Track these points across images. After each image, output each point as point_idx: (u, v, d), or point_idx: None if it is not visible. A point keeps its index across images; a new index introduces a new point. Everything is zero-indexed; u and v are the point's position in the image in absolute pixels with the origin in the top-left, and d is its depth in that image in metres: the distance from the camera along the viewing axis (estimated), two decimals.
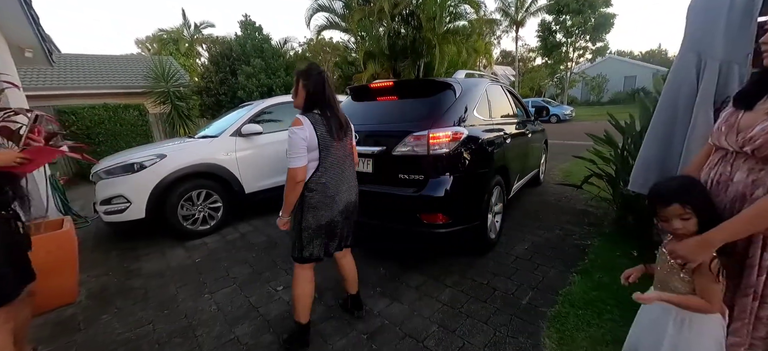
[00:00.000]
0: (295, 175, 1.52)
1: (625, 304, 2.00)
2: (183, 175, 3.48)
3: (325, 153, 1.59)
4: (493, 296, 2.22)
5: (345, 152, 1.71)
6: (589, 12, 19.12)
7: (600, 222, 3.39)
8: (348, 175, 1.74)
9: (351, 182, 1.77)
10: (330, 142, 1.59)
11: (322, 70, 1.63)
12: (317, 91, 1.58)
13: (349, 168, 1.76)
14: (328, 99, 1.61)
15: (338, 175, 1.66)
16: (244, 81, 9.01)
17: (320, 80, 1.59)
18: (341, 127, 1.65)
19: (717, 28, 1.42)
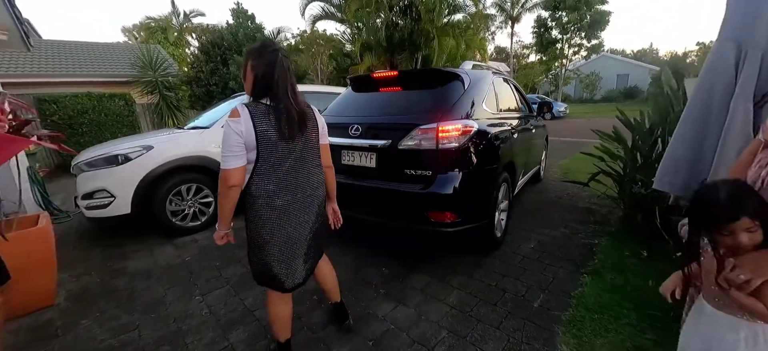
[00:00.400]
0: (226, 177, 1.25)
1: (641, 308, 1.92)
2: (172, 169, 3.28)
3: (267, 153, 1.28)
4: (504, 299, 2.11)
5: (300, 154, 1.37)
6: (585, 9, 19.14)
7: (606, 220, 3.32)
8: (304, 182, 1.40)
9: (311, 191, 1.44)
10: (275, 140, 1.28)
11: (277, 48, 1.30)
12: (267, 74, 1.25)
13: (307, 173, 1.42)
14: (278, 85, 1.26)
15: (288, 181, 1.35)
16: (236, 71, 8.72)
17: (271, 61, 1.25)
18: (293, 123, 1.29)
19: (761, 13, 1.30)
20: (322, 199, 1.53)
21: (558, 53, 21.97)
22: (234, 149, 1.24)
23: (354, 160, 2.52)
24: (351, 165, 2.54)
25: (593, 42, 21.25)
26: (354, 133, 2.45)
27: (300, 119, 1.33)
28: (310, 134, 1.41)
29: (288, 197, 1.36)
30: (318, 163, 1.50)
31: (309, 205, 1.44)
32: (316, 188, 1.47)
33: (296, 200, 1.39)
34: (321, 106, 4.62)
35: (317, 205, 1.49)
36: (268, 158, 1.29)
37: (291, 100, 1.30)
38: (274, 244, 1.39)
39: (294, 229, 1.40)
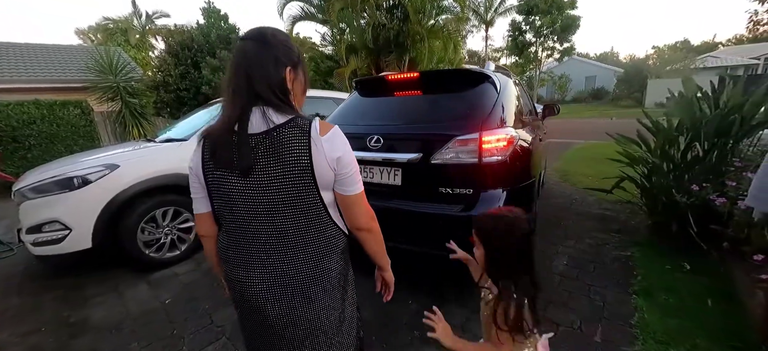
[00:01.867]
0: (195, 225, 0.93)
1: (718, 338, 1.70)
2: (143, 190, 2.75)
3: (216, 194, 0.85)
4: (558, 334, 1.82)
5: (260, 200, 0.80)
6: (557, 13, 19.85)
7: (629, 229, 3.15)
8: (270, 252, 0.85)
9: (292, 273, 0.86)
10: (218, 175, 0.81)
11: (245, 38, 0.83)
12: (226, 78, 0.82)
13: (280, 239, 0.84)
14: (227, 83, 0.81)
15: (239, 238, 0.86)
16: (210, 75, 8.03)
17: (232, 58, 0.82)
18: (225, 143, 0.79)
19: None
20: (327, 289, 0.90)
21: (532, 56, 22.66)
22: (192, 190, 0.91)
23: (373, 176, 2.15)
24: (369, 182, 2.17)
25: (565, 45, 22.13)
26: (373, 146, 2.08)
27: (241, 141, 0.77)
28: (286, 170, 0.78)
29: (241, 272, 0.87)
30: (316, 221, 0.85)
31: (286, 295, 0.86)
32: (303, 269, 0.86)
33: (250, 273, 0.86)
34: (320, 112, 4.25)
35: (311, 299, 0.88)
36: (216, 202, 0.87)
37: (232, 108, 0.78)
38: (244, 327, 0.99)
39: (265, 324, 0.90)
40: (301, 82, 0.87)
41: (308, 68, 6.95)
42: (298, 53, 0.86)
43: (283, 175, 0.78)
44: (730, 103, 2.39)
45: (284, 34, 0.85)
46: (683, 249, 2.54)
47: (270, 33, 0.82)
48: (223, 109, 0.81)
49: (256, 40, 0.80)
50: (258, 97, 0.78)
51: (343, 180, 0.84)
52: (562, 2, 20.80)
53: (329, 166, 0.80)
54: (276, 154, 0.77)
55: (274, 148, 0.77)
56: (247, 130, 0.77)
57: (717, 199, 2.21)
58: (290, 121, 0.78)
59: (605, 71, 28.67)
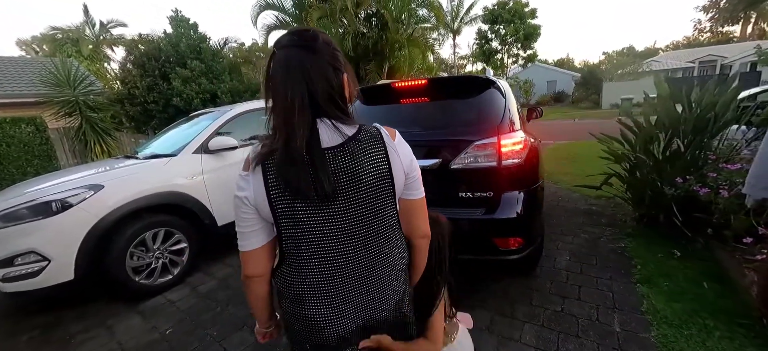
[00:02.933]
0: (242, 264, 0.80)
1: (722, 316, 1.84)
2: (131, 212, 2.53)
3: (289, 226, 0.73)
4: (581, 326, 1.89)
5: (344, 223, 0.73)
6: (519, 22, 21.05)
7: (616, 222, 3.36)
8: (358, 277, 0.77)
9: (376, 294, 0.79)
10: (297, 206, 0.70)
11: (284, 40, 0.73)
12: (275, 92, 0.71)
13: (366, 259, 0.77)
14: (277, 101, 0.70)
15: (320, 271, 0.75)
16: (181, 86, 7.61)
17: (277, 69, 0.71)
18: (322, 172, 0.68)
19: None
20: (399, 301, 0.84)
21: (499, 63, 23.77)
22: (241, 223, 0.76)
23: None
24: None
25: (529, 52, 23.47)
26: None
27: (318, 160, 0.68)
28: (367, 184, 0.72)
29: (322, 310, 0.76)
30: (392, 237, 0.80)
31: (370, 324, 0.80)
32: (386, 286, 0.80)
33: (334, 311, 0.77)
34: None
35: (391, 319, 0.83)
36: (291, 236, 0.74)
37: (298, 125, 0.67)
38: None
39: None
40: (353, 88, 0.80)
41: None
42: (343, 54, 0.80)
43: (367, 189, 0.72)
44: (703, 102, 2.64)
45: (328, 36, 0.78)
46: (670, 237, 2.75)
47: (320, 38, 0.72)
48: (281, 127, 0.68)
49: (306, 47, 0.70)
50: (321, 110, 0.71)
51: (412, 183, 0.81)
52: (523, 12, 22.10)
53: (403, 171, 0.78)
54: (357, 167, 0.71)
55: (354, 161, 0.70)
56: (321, 146, 0.69)
57: (701, 190, 2.42)
58: (360, 129, 0.74)
59: (564, 76, 30.66)
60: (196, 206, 2.91)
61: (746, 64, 20.54)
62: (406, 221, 0.84)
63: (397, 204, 0.80)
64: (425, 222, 0.87)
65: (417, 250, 0.89)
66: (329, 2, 8.05)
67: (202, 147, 3.06)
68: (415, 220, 0.85)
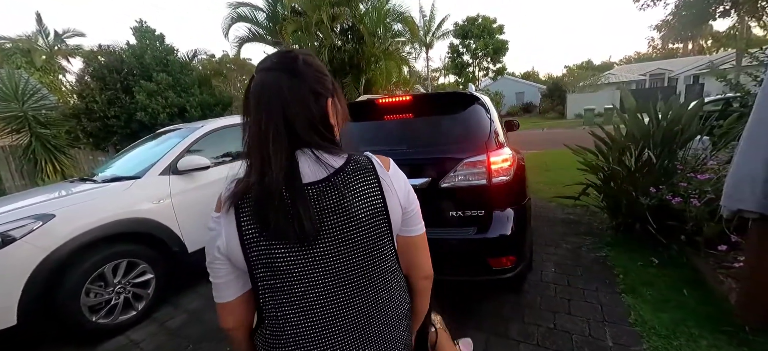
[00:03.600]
0: (218, 316, 0.71)
1: (707, 325, 1.89)
2: (88, 243, 2.26)
3: (266, 275, 0.63)
4: (575, 343, 1.88)
5: (334, 266, 0.63)
6: (489, 37, 22.00)
7: (595, 232, 3.45)
8: (346, 330, 0.65)
9: (364, 347, 0.67)
10: (275, 250, 0.61)
11: (269, 68, 0.65)
12: (250, 120, 0.64)
13: (362, 305, 0.66)
14: (251, 130, 0.63)
15: (310, 332, 0.64)
16: (145, 100, 7.15)
17: (252, 94, 0.64)
18: (303, 210, 0.59)
19: None
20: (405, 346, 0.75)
21: (471, 76, 24.63)
22: (214, 272, 0.67)
23: None
24: None
25: (498, 65, 24.52)
26: None
27: (297, 197, 0.59)
28: (357, 221, 0.63)
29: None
30: (391, 280, 0.71)
31: None
32: (387, 337, 0.70)
33: None
34: None
35: None
36: (269, 284, 0.63)
37: (273, 156, 0.60)
38: None
39: None
40: (341, 112, 0.73)
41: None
42: (331, 78, 0.72)
43: (359, 227, 0.62)
44: (671, 115, 2.80)
45: (313, 57, 0.71)
46: (646, 245, 2.85)
47: (300, 59, 0.66)
48: (255, 160, 0.61)
49: (285, 70, 0.63)
50: (301, 141, 0.63)
51: (410, 218, 0.73)
52: (491, 28, 23.15)
53: (400, 205, 0.69)
54: (345, 203, 0.62)
55: (341, 196, 0.62)
56: (302, 181, 0.61)
57: (673, 199, 2.53)
58: (349, 160, 0.66)
59: (531, 88, 32.26)
60: (164, 233, 2.67)
61: (690, 77, 22.66)
62: (406, 261, 0.75)
63: (395, 242, 0.71)
64: (427, 260, 0.78)
65: (419, 294, 0.80)
66: (304, 15, 7.98)
67: (170, 167, 2.83)
68: (417, 259, 0.77)
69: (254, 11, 8.95)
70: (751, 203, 1.59)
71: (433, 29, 25.22)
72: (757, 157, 1.53)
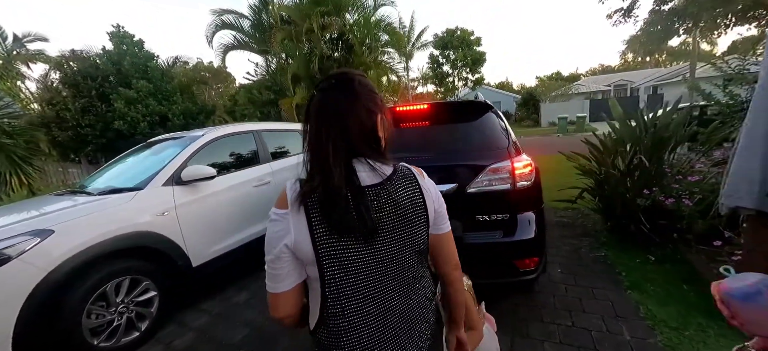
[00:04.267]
0: (270, 306, 0.77)
1: (707, 314, 2.04)
2: (89, 260, 2.11)
3: (333, 268, 0.70)
4: (595, 340, 1.96)
5: (385, 262, 0.73)
6: (467, 49, 22.78)
7: (591, 233, 3.63)
8: (398, 316, 0.76)
9: (411, 330, 0.78)
10: (342, 245, 0.70)
11: (324, 83, 0.76)
12: (312, 134, 0.74)
13: (404, 297, 0.77)
14: (315, 144, 0.73)
15: (371, 317, 0.73)
16: (124, 108, 6.79)
17: (313, 112, 0.74)
18: (364, 209, 0.69)
19: None
20: (428, 335, 0.83)
21: (451, 85, 25.32)
22: (275, 264, 0.72)
23: None
24: None
25: (476, 76, 25.38)
26: None
27: (359, 197, 0.69)
28: (405, 218, 0.73)
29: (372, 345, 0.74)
30: (423, 274, 0.82)
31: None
32: (419, 323, 0.80)
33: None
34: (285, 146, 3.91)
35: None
36: (335, 278, 0.71)
37: (334, 165, 0.69)
38: None
39: None
40: (388, 127, 0.81)
41: (243, 98, 6.39)
42: (381, 96, 0.81)
43: (407, 223, 0.75)
44: (660, 123, 3.03)
45: (366, 78, 0.80)
46: (641, 244, 3.03)
47: (357, 81, 0.76)
48: (319, 169, 0.71)
49: (343, 90, 0.74)
50: (356, 151, 0.73)
51: (439, 218, 0.83)
52: (469, 40, 24.02)
53: (434, 207, 0.81)
54: (398, 202, 0.73)
55: (393, 197, 0.73)
56: (361, 184, 0.71)
57: (667, 200, 2.73)
58: (396, 169, 0.78)
59: (507, 97, 33.59)
60: (168, 246, 2.54)
61: (649, 87, 24.48)
62: (437, 255, 0.87)
63: (429, 236, 0.82)
64: (455, 253, 0.88)
65: (452, 285, 0.90)
66: (293, 24, 7.92)
67: (173, 178, 2.71)
68: (445, 254, 0.87)
69: (239, 19, 8.78)
70: (748, 201, 1.75)
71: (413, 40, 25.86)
72: (753, 162, 1.69)
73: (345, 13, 8.45)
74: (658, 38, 8.77)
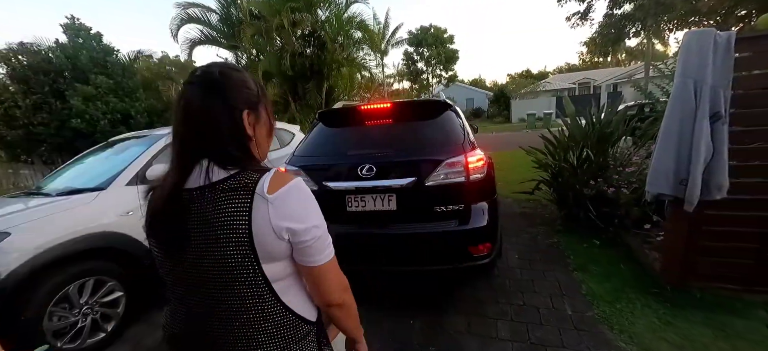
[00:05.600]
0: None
1: (640, 290, 2.32)
2: (51, 262, 2.08)
3: (157, 264, 0.77)
4: (543, 315, 2.19)
5: (194, 277, 0.67)
6: (441, 46, 23.25)
7: (547, 221, 3.93)
8: (206, 334, 0.71)
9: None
10: (153, 246, 0.74)
11: (189, 82, 0.69)
12: (173, 126, 0.73)
13: (211, 320, 0.69)
14: (174, 149, 0.70)
15: (184, 320, 0.76)
16: (82, 105, 6.42)
17: (175, 101, 0.73)
18: (156, 214, 0.70)
19: (707, 61, 1.83)
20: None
21: (425, 82, 25.74)
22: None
23: (365, 205, 2.19)
24: (362, 212, 2.19)
25: (450, 73, 25.98)
26: (366, 174, 2.13)
27: (174, 205, 0.65)
28: (217, 239, 0.62)
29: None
30: (248, 307, 0.66)
31: None
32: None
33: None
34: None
35: None
36: (161, 269, 0.75)
37: (175, 164, 0.68)
38: None
39: None
40: (264, 124, 0.72)
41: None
42: (257, 89, 0.72)
43: (217, 244, 0.62)
44: (603, 119, 3.34)
45: (237, 70, 0.72)
46: (589, 229, 3.34)
47: (218, 73, 0.67)
48: (169, 165, 0.69)
49: (201, 84, 0.66)
50: (206, 152, 0.65)
51: (303, 249, 0.66)
52: (443, 38, 24.51)
53: (276, 235, 0.62)
54: (208, 217, 0.62)
55: (206, 211, 0.62)
56: (183, 186, 0.65)
57: (609, 189, 3.03)
58: (233, 176, 0.64)
59: (480, 94, 34.57)
60: (134, 246, 2.52)
61: (610, 86, 26.10)
62: (310, 288, 0.73)
63: (263, 271, 0.65)
64: (329, 292, 0.71)
65: (332, 318, 0.78)
66: (263, 20, 7.78)
67: (137, 177, 2.68)
68: (318, 289, 0.71)
69: (206, 13, 8.49)
70: (666, 188, 2.03)
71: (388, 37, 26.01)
72: (669, 155, 1.97)
73: (316, 9, 8.43)
74: (611, 40, 9.45)
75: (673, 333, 1.91)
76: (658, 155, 2.04)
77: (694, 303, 2.11)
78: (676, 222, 2.17)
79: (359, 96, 10.38)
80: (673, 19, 7.96)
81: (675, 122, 1.95)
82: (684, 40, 1.93)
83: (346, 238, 2.23)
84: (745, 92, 2.01)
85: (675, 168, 1.97)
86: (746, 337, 1.84)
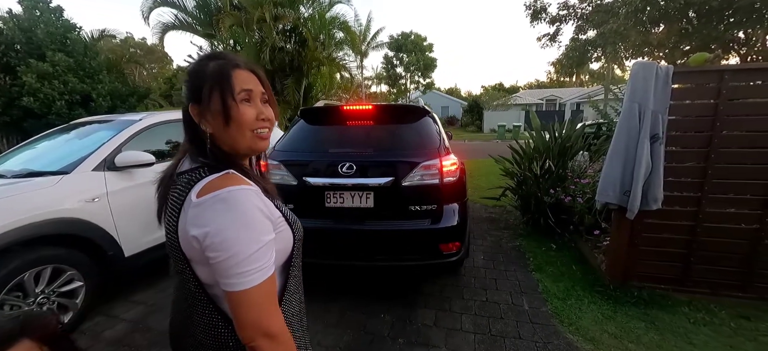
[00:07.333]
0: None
1: (588, 288, 2.58)
2: (5, 248, 1.96)
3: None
4: (502, 311, 2.37)
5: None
6: (420, 54, 23.75)
7: (511, 226, 4.20)
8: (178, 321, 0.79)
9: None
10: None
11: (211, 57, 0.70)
12: None
13: (187, 320, 0.72)
14: None
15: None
16: (35, 83, 5.92)
17: None
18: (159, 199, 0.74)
19: (650, 88, 2.11)
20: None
21: (403, 87, 26.14)
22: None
23: (344, 201, 2.27)
24: (340, 208, 2.27)
25: (428, 80, 26.56)
26: (346, 172, 2.22)
27: (157, 189, 0.72)
28: (168, 232, 0.66)
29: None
30: (198, 305, 0.68)
31: None
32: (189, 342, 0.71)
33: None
34: None
35: None
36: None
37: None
38: None
39: None
40: (216, 112, 0.64)
41: (173, 81, 5.69)
42: (205, 78, 0.64)
43: (168, 234, 0.66)
44: (564, 134, 3.65)
45: (200, 60, 0.70)
46: (548, 234, 3.63)
47: (189, 70, 0.69)
48: None
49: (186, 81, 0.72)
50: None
51: (215, 267, 0.58)
52: (422, 45, 25.07)
53: (192, 242, 0.59)
54: (168, 204, 0.67)
55: (167, 197, 0.67)
56: (175, 171, 0.69)
57: (565, 198, 3.32)
58: (190, 170, 0.65)
59: (455, 103, 35.66)
60: (98, 235, 2.42)
61: (574, 104, 27.94)
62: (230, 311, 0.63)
63: (195, 270, 0.65)
64: (240, 327, 0.59)
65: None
66: (244, 11, 7.59)
67: (105, 163, 2.57)
68: (234, 315, 0.60)
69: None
70: (613, 198, 2.29)
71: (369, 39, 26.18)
72: (616, 169, 2.23)
73: (299, 5, 8.37)
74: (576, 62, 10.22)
75: (613, 326, 2.15)
76: (606, 168, 2.30)
77: (632, 300, 2.38)
78: (619, 228, 2.44)
79: (337, 96, 10.41)
80: (628, 47, 8.80)
81: (622, 140, 2.22)
82: (632, 69, 2.20)
83: (324, 233, 2.30)
84: (679, 118, 2.32)
85: (621, 180, 2.24)
86: (672, 329, 2.12)
